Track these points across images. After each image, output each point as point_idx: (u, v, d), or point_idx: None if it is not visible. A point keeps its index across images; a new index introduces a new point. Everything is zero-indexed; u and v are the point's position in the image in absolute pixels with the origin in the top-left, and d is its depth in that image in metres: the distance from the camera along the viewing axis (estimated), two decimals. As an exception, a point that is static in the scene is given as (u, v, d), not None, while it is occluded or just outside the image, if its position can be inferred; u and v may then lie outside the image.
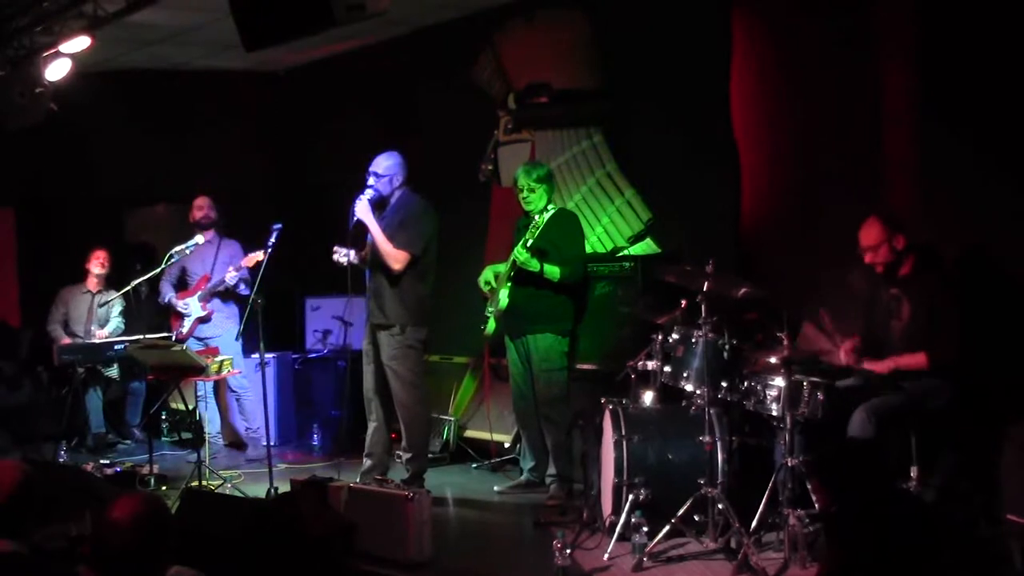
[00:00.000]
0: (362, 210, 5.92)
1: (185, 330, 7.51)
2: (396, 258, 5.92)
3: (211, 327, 7.53)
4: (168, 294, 7.64)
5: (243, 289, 7.34)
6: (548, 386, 6.00)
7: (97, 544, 2.88)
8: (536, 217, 5.87)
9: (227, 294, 7.48)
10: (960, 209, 5.27)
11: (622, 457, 5.12)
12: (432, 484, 5.99)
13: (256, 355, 7.10)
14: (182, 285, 7.67)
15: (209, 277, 7.47)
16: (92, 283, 8.15)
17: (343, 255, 6.07)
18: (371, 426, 6.20)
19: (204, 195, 7.65)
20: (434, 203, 6.13)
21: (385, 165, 6.02)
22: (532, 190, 5.93)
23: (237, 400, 7.71)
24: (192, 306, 7.50)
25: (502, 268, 6.06)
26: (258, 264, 6.71)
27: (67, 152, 8.65)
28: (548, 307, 5.96)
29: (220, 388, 7.69)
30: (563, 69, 7.36)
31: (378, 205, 6.03)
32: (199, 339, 7.51)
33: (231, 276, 7.23)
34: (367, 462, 6.17)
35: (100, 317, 8.09)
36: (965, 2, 5.33)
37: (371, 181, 6.01)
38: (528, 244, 5.80)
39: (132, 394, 8.26)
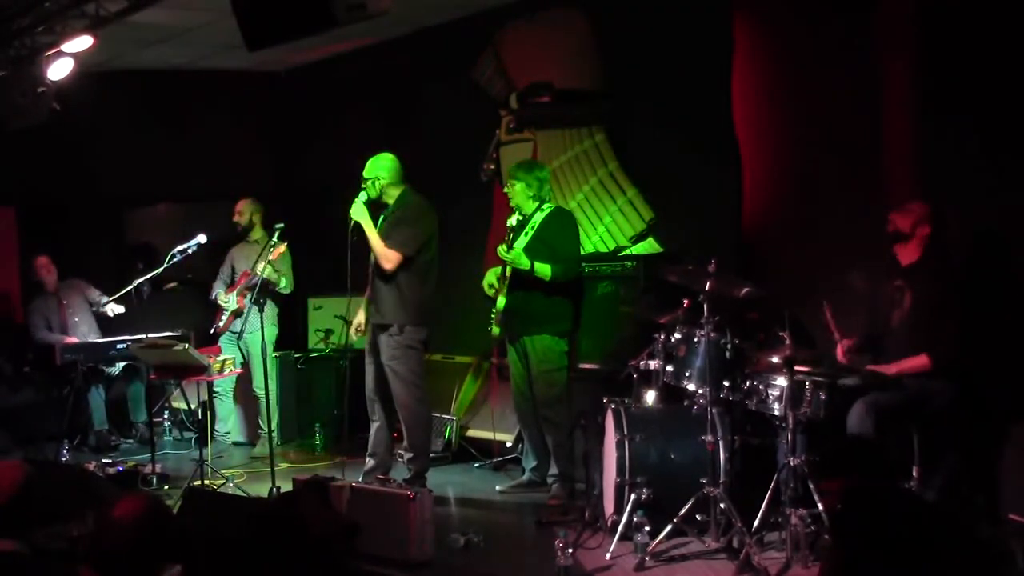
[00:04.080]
0: (356, 212, 5.95)
1: (222, 324, 7.59)
2: (387, 257, 5.94)
3: (242, 322, 7.44)
4: (217, 289, 7.74)
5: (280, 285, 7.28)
6: (547, 387, 5.99)
7: (97, 544, 2.88)
8: (518, 213, 5.91)
9: (263, 290, 7.32)
10: (960, 207, 5.26)
11: (624, 456, 5.12)
12: (434, 483, 5.98)
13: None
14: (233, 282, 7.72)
15: (248, 273, 7.45)
16: (50, 287, 8.26)
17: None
18: (373, 426, 6.21)
19: (245, 198, 7.73)
20: (436, 203, 6.14)
21: (368, 168, 6.07)
22: (511, 185, 6.01)
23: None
24: (230, 300, 7.55)
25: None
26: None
27: (68, 152, 8.65)
28: (544, 308, 5.94)
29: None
30: (565, 69, 7.36)
31: (379, 205, 6.04)
32: (233, 333, 7.47)
33: (260, 268, 7.11)
34: (370, 462, 6.18)
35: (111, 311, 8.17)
36: (965, 1, 5.33)
37: (363, 184, 6.06)
38: (514, 243, 5.83)
39: (135, 393, 8.25)
